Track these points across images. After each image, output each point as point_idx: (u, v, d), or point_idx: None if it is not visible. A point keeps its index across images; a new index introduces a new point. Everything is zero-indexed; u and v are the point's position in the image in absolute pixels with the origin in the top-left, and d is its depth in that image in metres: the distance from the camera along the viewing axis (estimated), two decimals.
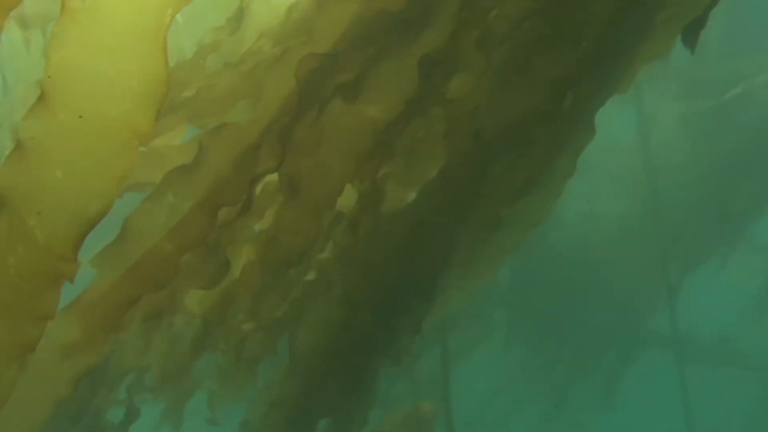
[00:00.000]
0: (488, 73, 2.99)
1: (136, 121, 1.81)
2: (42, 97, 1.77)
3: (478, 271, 4.10)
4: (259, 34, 3.06)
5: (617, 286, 9.47)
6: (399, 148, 3.14)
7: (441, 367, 6.23)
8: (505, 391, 10.55)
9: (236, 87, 3.03)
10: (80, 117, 1.79)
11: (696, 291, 9.63)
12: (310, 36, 2.73)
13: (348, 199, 3.23)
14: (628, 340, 9.87)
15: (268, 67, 2.74)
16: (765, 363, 11.78)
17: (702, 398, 9.14)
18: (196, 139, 2.70)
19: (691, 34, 3.07)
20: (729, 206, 9.09)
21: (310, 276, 3.45)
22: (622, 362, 10.21)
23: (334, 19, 2.74)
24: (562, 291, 9.32)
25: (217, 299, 3.23)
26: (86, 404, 4.06)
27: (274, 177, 2.91)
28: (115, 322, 2.41)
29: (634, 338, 9.84)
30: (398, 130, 3.06)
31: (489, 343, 9.37)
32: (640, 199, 8.89)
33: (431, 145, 3.17)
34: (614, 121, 8.21)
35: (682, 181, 8.97)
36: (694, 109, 8.91)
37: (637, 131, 8.63)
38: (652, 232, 8.78)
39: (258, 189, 2.86)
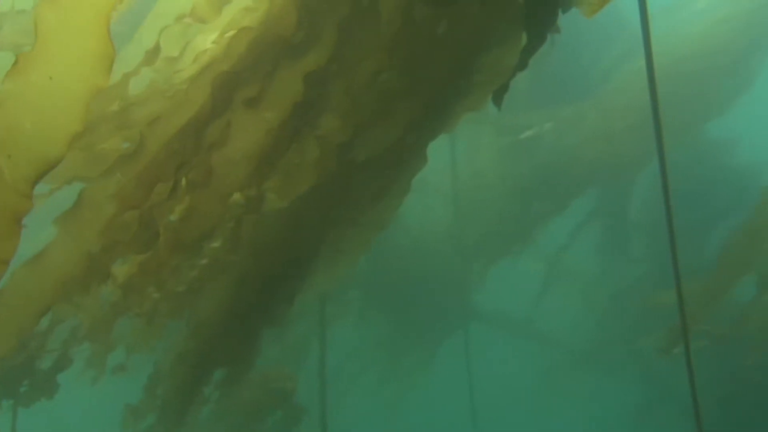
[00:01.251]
0: (353, 113, 3.06)
1: (94, 79, 1.89)
2: (17, 63, 1.85)
3: (342, 261, 4.23)
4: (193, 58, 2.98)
5: (443, 275, 9.56)
6: (280, 167, 3.17)
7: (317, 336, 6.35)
8: (354, 358, 10.47)
9: (165, 95, 2.98)
10: (50, 78, 1.87)
11: (498, 279, 9.83)
12: (224, 55, 2.80)
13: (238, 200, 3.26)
14: (449, 315, 9.95)
15: (192, 81, 2.79)
16: (549, 338, 12.10)
17: (495, 363, 9.35)
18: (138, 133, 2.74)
19: (498, 95, 3.14)
20: (524, 217, 9.33)
21: (206, 260, 3.43)
22: (444, 333, 10.27)
23: (240, 41, 2.81)
24: (403, 278, 9.41)
25: (135, 271, 3.19)
26: (24, 353, 4.03)
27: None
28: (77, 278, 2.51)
29: (454, 315, 9.92)
30: (280, 154, 3.08)
31: (344, 318, 9.34)
32: (460, 208, 9.13)
33: (305, 168, 3.20)
34: (445, 151, 8.54)
35: (491, 196, 9.16)
36: (502, 144, 9.17)
37: (461, 159, 8.85)
38: (468, 234, 9.10)
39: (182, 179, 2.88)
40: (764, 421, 8.07)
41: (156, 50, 2.96)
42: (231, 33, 2.82)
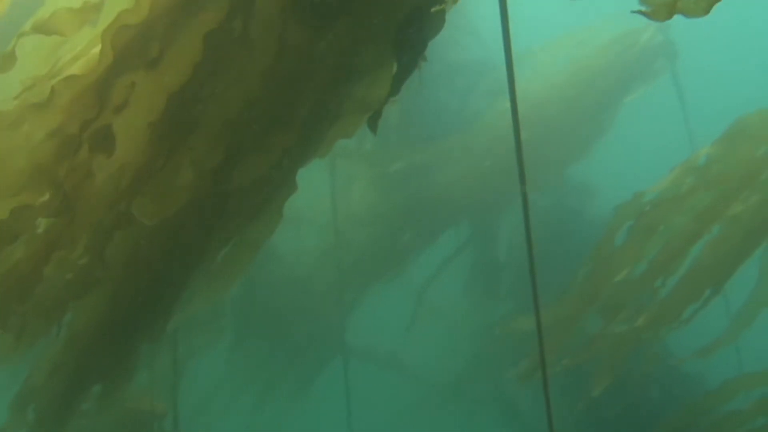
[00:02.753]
0: (224, 137, 3.14)
1: None
2: None
3: (216, 287, 4.13)
4: None
5: (316, 304, 9.66)
6: (150, 187, 3.20)
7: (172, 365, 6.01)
8: (226, 385, 10.42)
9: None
10: None
11: (368, 311, 10.11)
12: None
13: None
14: (322, 345, 10.06)
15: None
16: (418, 372, 12.29)
17: (367, 397, 9.43)
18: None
19: (372, 121, 3.28)
20: (393, 249, 9.67)
21: (70, 275, 3.39)
22: (316, 363, 10.38)
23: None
24: (276, 306, 9.53)
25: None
26: None
27: None
28: None
29: (326, 345, 10.01)
30: (152, 173, 3.15)
31: (217, 345, 9.37)
32: (333, 239, 9.07)
33: (175, 189, 3.20)
34: (318, 183, 8.74)
35: (363, 228, 9.42)
36: (374, 176, 9.43)
37: (335, 191, 8.80)
38: (341, 263, 9.18)
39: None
40: None
41: None
42: None
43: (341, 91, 3.24)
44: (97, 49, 2.84)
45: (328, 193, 8.64)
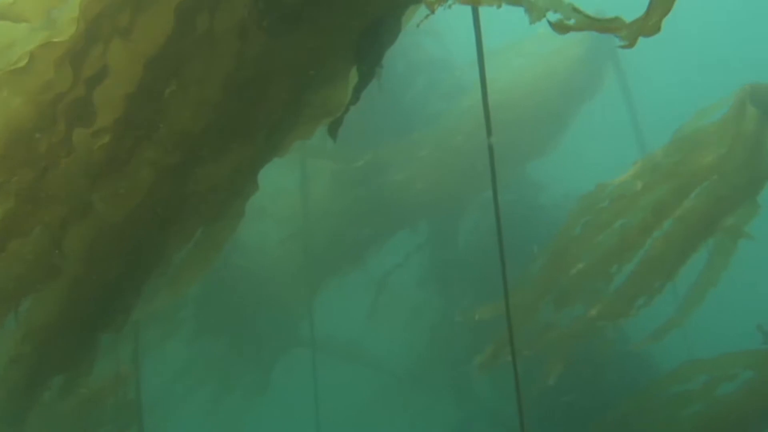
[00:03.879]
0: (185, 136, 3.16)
1: None
2: None
3: (178, 283, 4.14)
4: None
5: (278, 297, 9.74)
6: (111, 182, 3.20)
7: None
8: (188, 374, 10.42)
9: None
10: None
11: (330, 303, 10.03)
12: None
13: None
14: (283, 337, 10.11)
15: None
16: (379, 362, 12.52)
17: (331, 387, 9.36)
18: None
19: (333, 129, 3.31)
20: (355, 242, 9.73)
21: (24, 266, 3.36)
22: (276, 355, 10.44)
23: None
24: (237, 299, 9.53)
25: None
26: None
27: None
28: None
29: (288, 336, 10.08)
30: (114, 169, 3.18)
31: (176, 336, 9.35)
32: (296, 233, 9.35)
33: (135, 186, 3.23)
34: (281, 178, 8.77)
35: (325, 221, 9.44)
36: (340, 169, 9.48)
37: (298, 185, 9.11)
38: (303, 257, 9.30)
39: None
40: None
41: None
42: None
43: (301, 96, 3.27)
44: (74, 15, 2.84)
45: (291, 187, 8.72)
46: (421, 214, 10.08)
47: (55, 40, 2.82)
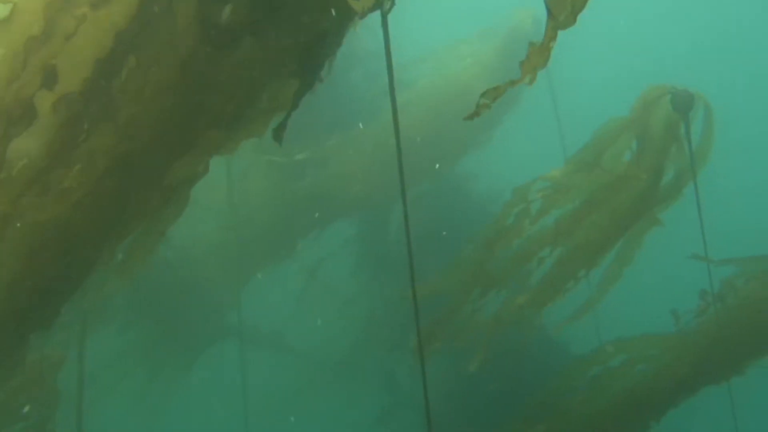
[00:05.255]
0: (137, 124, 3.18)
1: None
2: None
3: (124, 272, 4.14)
4: None
5: (209, 286, 9.76)
6: (53, 178, 3.20)
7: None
8: (116, 364, 10.30)
9: None
10: None
11: (266, 292, 10.28)
12: None
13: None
14: (214, 326, 10.16)
15: None
16: (310, 351, 12.62)
17: (260, 374, 9.72)
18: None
19: (277, 132, 3.40)
20: (287, 233, 9.82)
21: None
22: (207, 343, 10.48)
23: None
24: (168, 288, 9.50)
25: None
26: None
27: None
28: None
29: (218, 325, 10.14)
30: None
31: (108, 325, 9.34)
32: (228, 223, 9.40)
33: (76, 176, 3.21)
34: (217, 165, 8.75)
35: (259, 212, 9.57)
36: (276, 162, 9.59)
37: (233, 175, 9.18)
38: (233, 248, 9.38)
39: None
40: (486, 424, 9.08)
41: None
42: None
43: (246, 102, 3.36)
44: None
45: (222, 177, 8.77)
46: (355, 207, 10.21)
47: None
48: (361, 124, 9.61)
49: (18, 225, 3.30)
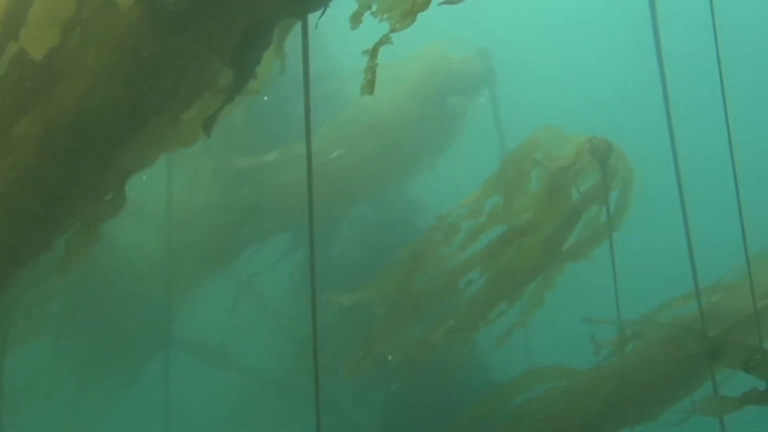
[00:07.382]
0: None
1: None
2: None
3: (57, 270, 4.00)
4: None
5: (148, 297, 9.62)
6: None
7: None
8: (50, 373, 10.17)
9: None
10: None
11: (205, 305, 10.25)
12: None
13: None
14: (150, 338, 9.92)
15: None
16: (248, 367, 12.39)
17: (191, 390, 9.63)
18: None
19: (207, 124, 3.50)
20: (229, 244, 9.86)
21: None
22: (143, 355, 10.32)
23: None
24: (106, 297, 9.47)
25: None
26: None
27: None
28: None
29: (155, 337, 9.79)
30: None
31: (43, 333, 9.26)
32: (171, 232, 9.22)
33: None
34: (161, 176, 8.77)
35: (202, 221, 9.58)
36: (219, 170, 9.64)
37: (178, 184, 9.10)
38: (167, 256, 9.25)
39: None
40: None
41: None
42: None
43: (182, 94, 3.46)
44: None
45: (162, 184, 8.59)
46: (295, 221, 10.25)
47: None
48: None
49: None
